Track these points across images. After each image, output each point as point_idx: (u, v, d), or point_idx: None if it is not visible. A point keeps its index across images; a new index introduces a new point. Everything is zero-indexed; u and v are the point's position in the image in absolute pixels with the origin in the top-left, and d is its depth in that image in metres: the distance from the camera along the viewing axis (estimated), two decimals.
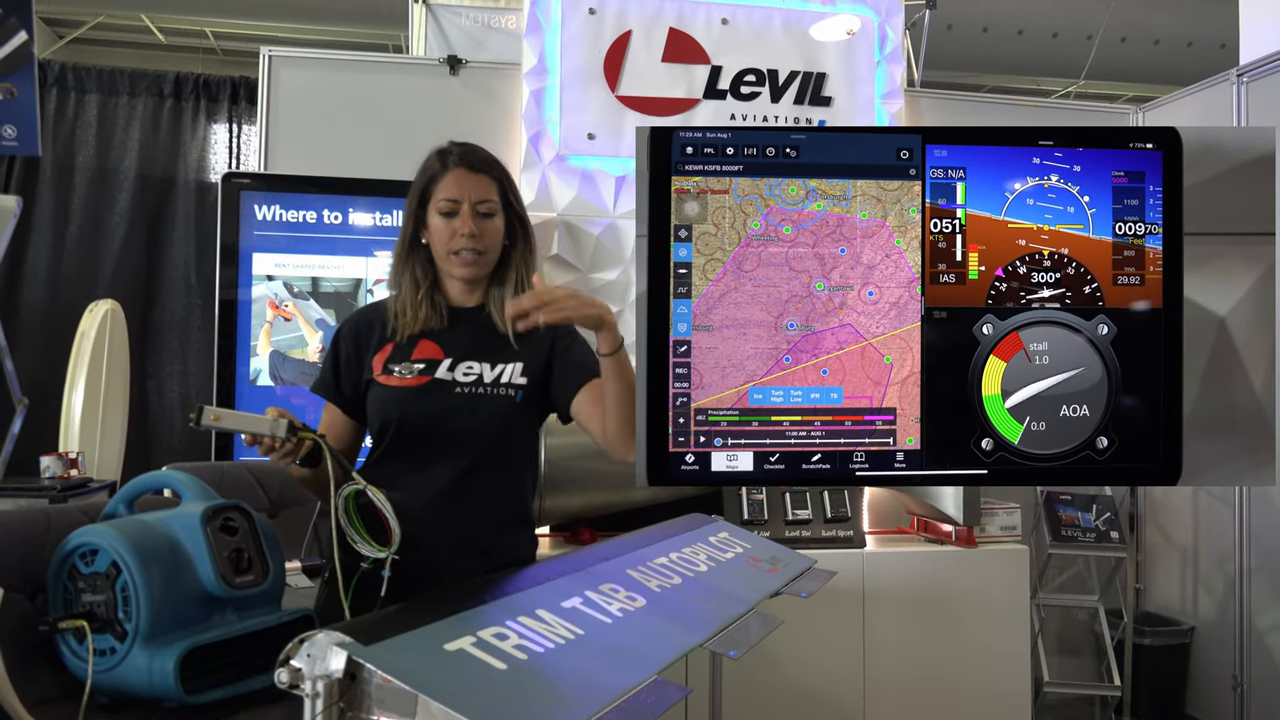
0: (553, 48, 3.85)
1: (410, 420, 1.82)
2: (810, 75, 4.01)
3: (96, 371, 3.71)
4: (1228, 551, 3.88)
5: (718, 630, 1.67)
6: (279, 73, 3.78)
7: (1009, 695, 3.47)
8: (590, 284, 3.82)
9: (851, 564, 3.36)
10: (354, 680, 1.17)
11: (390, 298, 1.93)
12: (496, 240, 1.88)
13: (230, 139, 4.70)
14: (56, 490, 3.11)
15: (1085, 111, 4.60)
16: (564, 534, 3.40)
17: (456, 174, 1.86)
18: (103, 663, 1.79)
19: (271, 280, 3.59)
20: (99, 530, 1.84)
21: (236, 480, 2.75)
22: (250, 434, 1.60)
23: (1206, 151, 1.87)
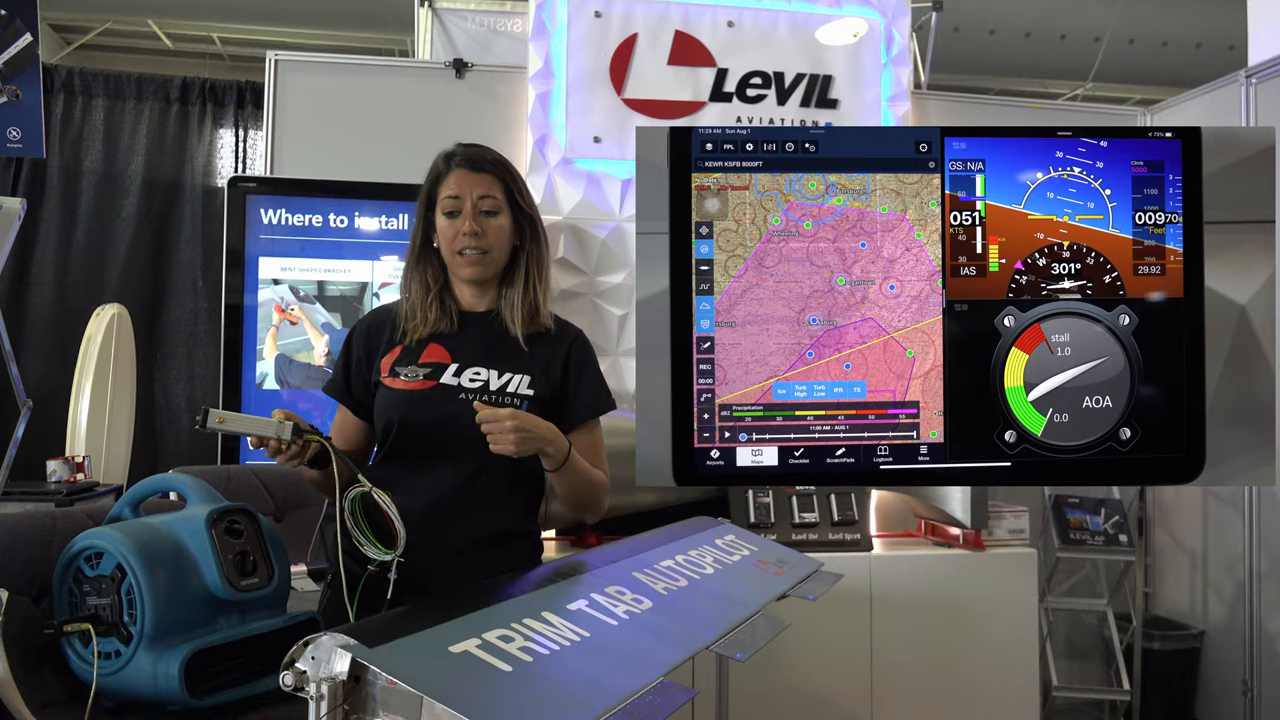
0: (558, 51, 3.85)
1: (412, 424, 1.81)
2: (817, 78, 4.00)
3: (103, 375, 3.72)
4: (1237, 555, 3.86)
5: (724, 633, 1.66)
6: (285, 77, 3.79)
7: (1017, 699, 3.45)
8: (596, 287, 3.82)
9: (859, 567, 3.34)
10: (359, 682, 1.17)
11: (400, 300, 1.92)
12: (501, 239, 1.86)
13: (236, 143, 4.71)
14: (63, 494, 3.12)
15: (1093, 114, 4.58)
16: (570, 537, 3.40)
17: (458, 174, 1.86)
18: (108, 666, 1.78)
19: (278, 284, 3.59)
20: (104, 533, 1.84)
21: (242, 484, 2.75)
22: (256, 436, 1.59)
23: (1224, 141, 1.87)
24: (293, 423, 1.59)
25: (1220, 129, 1.89)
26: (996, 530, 3.54)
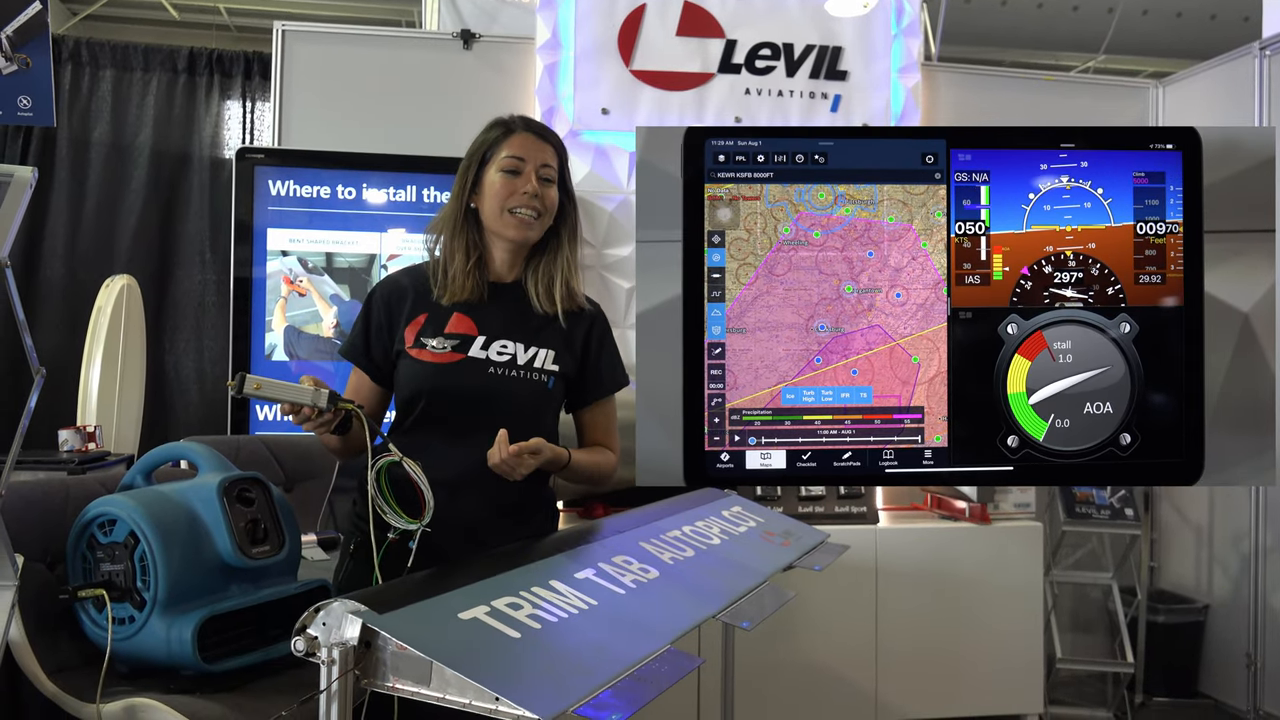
0: (566, 22, 3.83)
1: (441, 397, 1.82)
2: (826, 49, 3.97)
3: (113, 346, 3.73)
4: (1243, 529, 3.86)
5: (730, 602, 1.68)
6: (292, 48, 3.78)
7: (1021, 671, 3.47)
8: (604, 259, 3.82)
9: (865, 540, 3.36)
10: (369, 648, 1.19)
11: (435, 262, 1.90)
12: (552, 208, 1.87)
13: (244, 114, 4.69)
14: (75, 463, 3.14)
15: (1105, 86, 4.54)
16: (578, 509, 3.41)
17: (524, 137, 1.86)
18: (122, 631, 1.81)
19: (286, 256, 3.60)
20: (117, 500, 1.86)
21: (252, 454, 2.77)
22: (290, 403, 1.59)
23: (1227, 148, 1.89)
24: (328, 391, 1.59)
25: (1221, 132, 1.90)
26: (1002, 504, 3.56)
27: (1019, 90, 4.31)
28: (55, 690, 1.81)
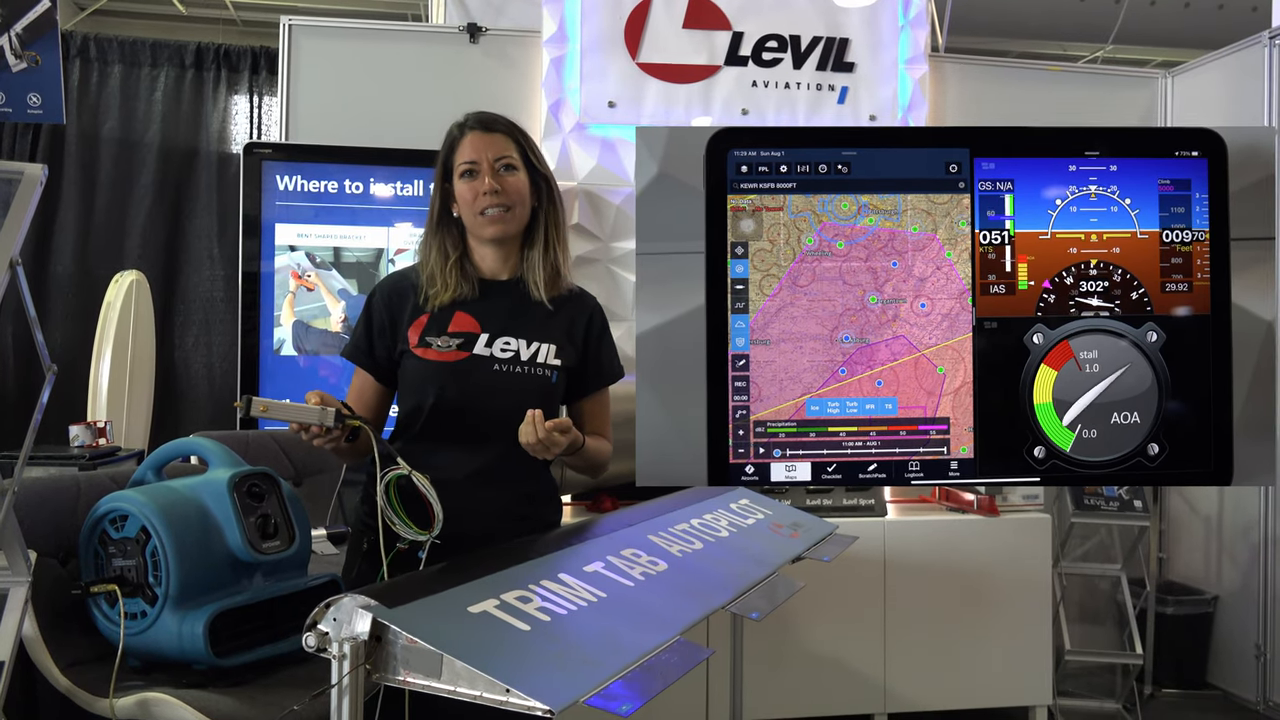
0: (573, 15, 3.82)
1: (450, 397, 1.82)
2: (833, 41, 3.96)
3: (123, 342, 3.75)
4: (1252, 521, 3.86)
5: (740, 593, 1.68)
6: (299, 42, 3.78)
7: (1030, 663, 3.47)
8: (611, 253, 3.81)
9: (873, 532, 3.36)
10: (380, 642, 1.19)
11: (418, 266, 1.93)
12: (522, 195, 1.87)
13: (251, 109, 4.70)
14: (85, 458, 3.16)
15: (1113, 76, 4.52)
16: (585, 502, 3.42)
17: (472, 136, 1.88)
18: (134, 626, 1.82)
19: (294, 251, 3.60)
20: (129, 496, 1.87)
21: (262, 449, 2.78)
22: (298, 423, 1.61)
23: (1250, 154, 1.88)
24: (334, 409, 1.61)
25: (1246, 136, 1.88)
26: (1011, 496, 3.55)
27: (1027, 81, 4.29)
28: (69, 685, 1.82)
